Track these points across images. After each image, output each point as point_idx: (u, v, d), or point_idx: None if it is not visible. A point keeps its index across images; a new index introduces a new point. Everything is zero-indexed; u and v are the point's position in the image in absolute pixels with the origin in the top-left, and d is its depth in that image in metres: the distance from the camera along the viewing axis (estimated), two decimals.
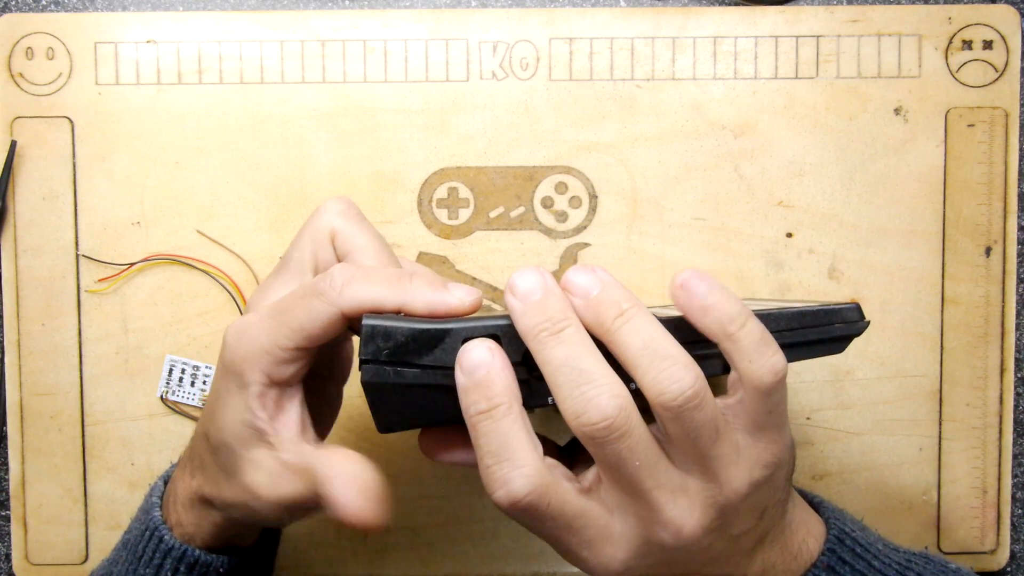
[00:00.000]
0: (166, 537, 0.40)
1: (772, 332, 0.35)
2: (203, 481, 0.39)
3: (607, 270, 0.35)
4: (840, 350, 0.36)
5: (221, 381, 0.37)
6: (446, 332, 0.34)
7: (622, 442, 0.33)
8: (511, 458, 0.33)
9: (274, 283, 0.38)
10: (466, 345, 0.34)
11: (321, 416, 0.39)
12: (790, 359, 0.35)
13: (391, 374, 0.34)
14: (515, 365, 0.34)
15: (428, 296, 0.34)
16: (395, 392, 0.34)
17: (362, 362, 0.34)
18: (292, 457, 0.36)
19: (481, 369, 0.34)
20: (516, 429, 0.33)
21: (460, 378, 0.34)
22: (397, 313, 0.34)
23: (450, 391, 0.34)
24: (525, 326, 0.34)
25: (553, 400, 0.34)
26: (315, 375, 0.40)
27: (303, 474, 0.35)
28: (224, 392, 0.36)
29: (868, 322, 0.36)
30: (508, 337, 0.34)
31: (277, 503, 0.36)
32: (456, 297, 0.35)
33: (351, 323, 0.36)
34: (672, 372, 0.33)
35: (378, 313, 0.34)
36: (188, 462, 0.41)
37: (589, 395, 0.33)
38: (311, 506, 0.36)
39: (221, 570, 0.40)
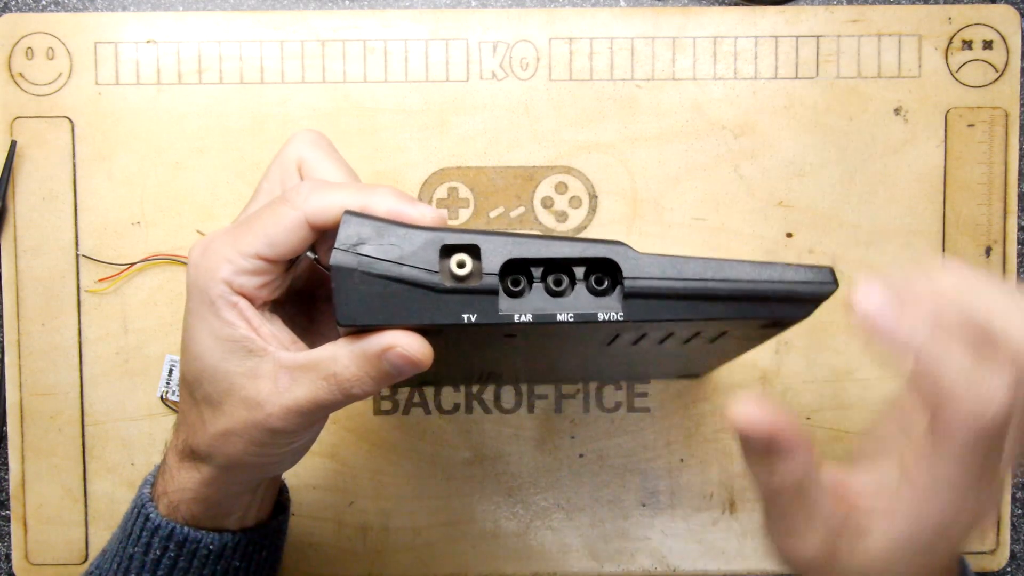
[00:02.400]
0: (152, 515, 0.40)
1: (732, 282, 0.33)
2: (187, 432, 0.38)
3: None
4: (806, 314, 0.34)
5: (188, 306, 0.36)
6: (425, 236, 0.34)
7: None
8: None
9: (243, 215, 0.38)
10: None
11: None
12: (750, 315, 0.34)
13: (360, 261, 0.33)
14: (490, 275, 0.33)
15: (391, 202, 0.34)
16: (362, 282, 0.33)
17: (335, 250, 0.33)
18: (292, 358, 0.35)
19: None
20: None
21: None
22: None
23: (418, 288, 0.33)
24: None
25: (524, 317, 0.33)
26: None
27: (312, 369, 0.35)
28: (194, 319, 0.35)
29: (837, 286, 0.34)
30: (487, 248, 0.33)
31: (286, 408, 0.35)
32: (418, 210, 0.34)
33: (316, 246, 0.35)
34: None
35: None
36: (174, 428, 0.40)
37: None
38: (324, 406, 0.35)
39: (211, 547, 0.40)
